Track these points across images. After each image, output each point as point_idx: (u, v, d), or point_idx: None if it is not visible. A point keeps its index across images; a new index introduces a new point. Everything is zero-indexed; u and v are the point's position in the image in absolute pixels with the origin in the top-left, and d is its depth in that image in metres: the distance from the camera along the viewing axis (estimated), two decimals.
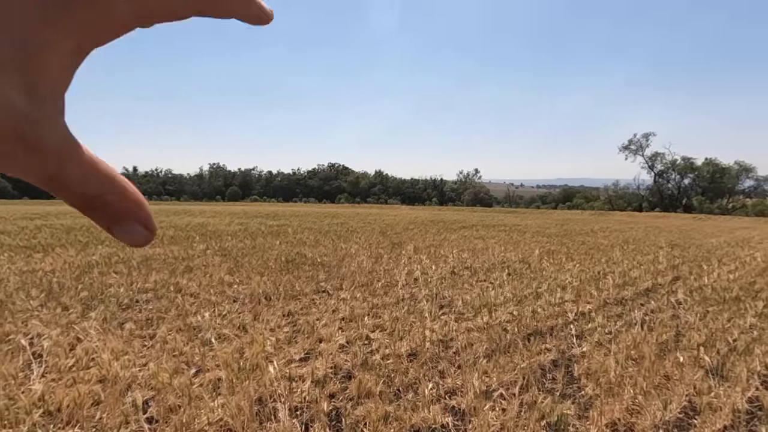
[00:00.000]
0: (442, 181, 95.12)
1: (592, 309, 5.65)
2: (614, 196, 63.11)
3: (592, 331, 4.75)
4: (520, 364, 3.72)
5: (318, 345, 4.18)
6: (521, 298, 6.01)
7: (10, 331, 4.27)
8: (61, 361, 3.58)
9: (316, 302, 5.72)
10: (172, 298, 5.68)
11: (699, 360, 3.86)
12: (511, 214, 39.99)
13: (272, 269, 7.75)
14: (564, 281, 7.25)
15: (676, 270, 8.69)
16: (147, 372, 3.41)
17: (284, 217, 25.17)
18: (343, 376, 3.55)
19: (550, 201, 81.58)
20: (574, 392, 3.35)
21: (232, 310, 5.23)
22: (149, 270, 7.45)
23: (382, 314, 5.19)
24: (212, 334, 4.27)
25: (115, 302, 5.43)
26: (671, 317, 5.33)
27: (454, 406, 3.12)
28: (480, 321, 4.94)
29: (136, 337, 4.25)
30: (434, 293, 6.26)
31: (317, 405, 3.02)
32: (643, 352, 3.99)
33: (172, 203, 59.03)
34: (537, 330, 4.74)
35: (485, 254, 10.30)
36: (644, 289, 6.87)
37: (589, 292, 6.50)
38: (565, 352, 4.15)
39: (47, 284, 6.21)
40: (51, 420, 2.78)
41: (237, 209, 36.99)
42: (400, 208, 50.64)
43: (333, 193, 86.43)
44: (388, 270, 7.94)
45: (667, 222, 30.91)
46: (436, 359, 3.89)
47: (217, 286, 6.36)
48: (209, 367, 3.58)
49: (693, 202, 55.20)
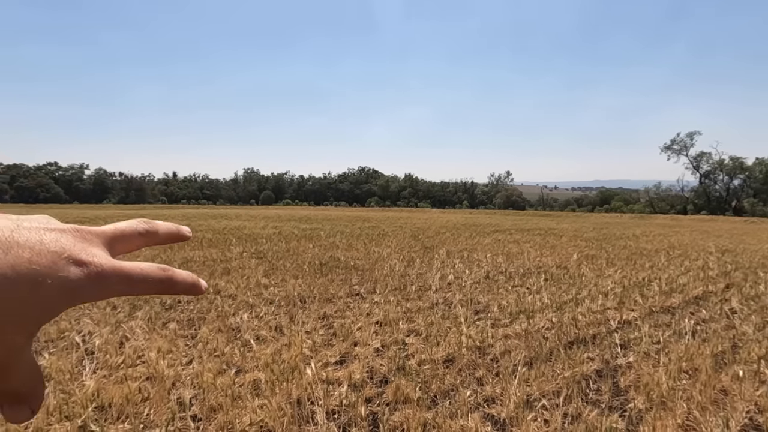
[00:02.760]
0: (473, 184, 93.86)
1: (637, 317, 5.39)
2: (656, 199, 60.23)
3: (638, 340, 4.51)
4: (562, 373, 3.59)
5: (353, 348, 4.19)
6: (560, 305, 5.81)
7: (64, 329, 4.53)
8: (111, 359, 3.75)
9: (350, 305, 5.74)
10: (211, 300, 5.85)
11: (760, 374, 3.59)
12: (545, 218, 38.90)
13: (306, 272, 7.86)
14: (605, 287, 6.95)
15: (728, 277, 8.16)
16: (191, 371, 3.52)
17: (316, 220, 25.55)
18: (379, 380, 3.54)
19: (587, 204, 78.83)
20: (621, 405, 3.19)
21: (269, 311, 5.33)
22: (189, 271, 7.72)
23: (416, 318, 5.14)
24: (251, 336, 4.36)
25: (159, 303, 5.65)
26: (725, 327, 5.00)
27: (494, 415, 3.04)
28: (518, 327, 4.81)
29: (179, 337, 4.41)
30: (469, 298, 6.15)
31: (354, 409, 3.01)
32: (697, 364, 3.76)
33: (210, 207, 61.25)
34: (578, 338, 4.56)
35: (520, 259, 10.04)
36: (694, 297, 6.48)
37: (633, 299, 6.20)
38: (610, 362, 3.96)
39: None
40: (103, 415, 2.91)
41: (270, 213, 37.91)
42: (430, 212, 50.33)
43: (363, 196, 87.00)
44: (420, 274, 7.88)
45: (715, 225, 29.15)
46: (473, 366, 3.81)
47: (254, 288, 6.50)
48: (249, 367, 3.65)
49: (744, 205, 51.82)
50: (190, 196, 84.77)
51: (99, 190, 79.32)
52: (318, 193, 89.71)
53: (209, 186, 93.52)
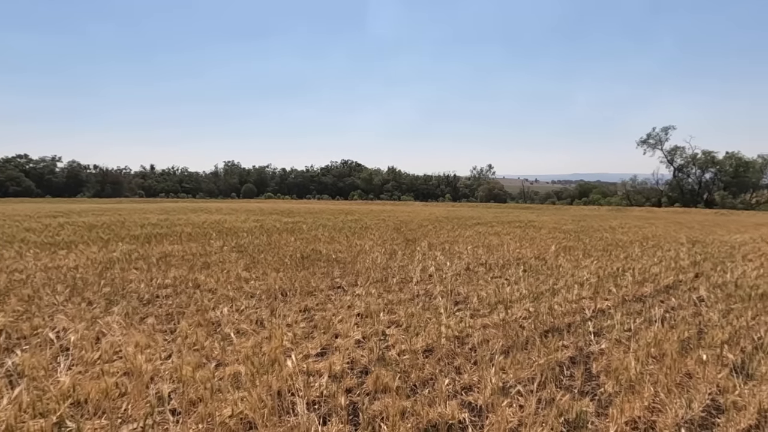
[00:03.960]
0: (455, 177, 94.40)
1: (611, 306, 5.57)
2: (632, 192, 61.78)
3: (611, 328, 4.68)
4: (537, 360, 3.70)
5: (334, 340, 4.22)
6: (537, 295, 5.96)
7: (38, 325, 4.42)
8: (87, 354, 3.69)
9: (332, 298, 5.77)
10: (190, 294, 5.79)
11: (722, 358, 3.78)
12: (526, 210, 39.53)
13: (288, 265, 7.83)
14: (581, 278, 7.15)
15: (698, 266, 8.49)
16: (170, 365, 3.49)
17: (299, 214, 25.38)
18: (360, 371, 3.58)
19: (566, 197, 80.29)
20: (592, 389, 3.32)
21: (250, 305, 5.31)
22: (168, 266, 7.61)
23: (397, 310, 5.20)
24: (231, 329, 4.35)
25: (137, 298, 5.56)
26: (693, 314, 5.22)
27: (471, 401, 3.12)
28: (496, 317, 4.92)
29: (157, 332, 4.35)
30: (449, 289, 6.24)
31: (335, 399, 3.05)
32: (664, 349, 3.92)
33: (189, 201, 60.06)
34: (554, 327, 4.70)
35: (500, 250, 10.22)
36: (665, 286, 6.73)
37: (608, 288, 6.40)
38: (583, 349, 4.10)
39: (71, 280, 6.40)
40: (79, 411, 2.87)
41: (252, 206, 37.44)
42: (413, 205, 50.54)
43: (346, 189, 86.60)
44: (402, 266, 7.95)
45: (687, 217, 30.15)
46: (452, 355, 3.89)
47: (235, 282, 6.46)
48: (229, 361, 3.65)
49: (715, 197, 53.68)
50: (169, 190, 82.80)
51: (73, 183, 76.70)
52: (301, 186, 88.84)
53: (189, 179, 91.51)
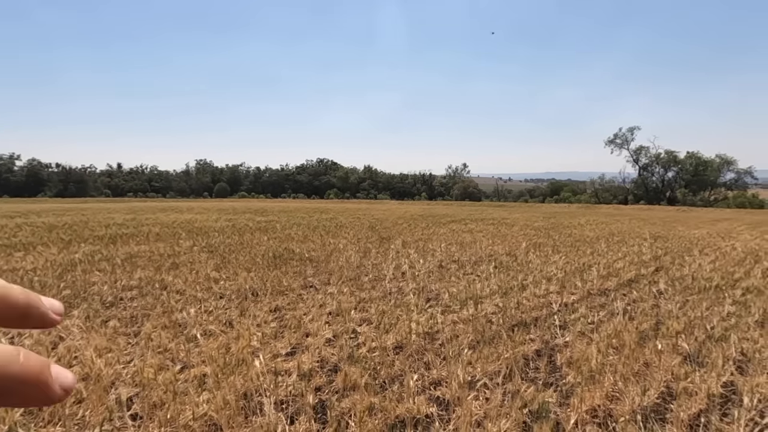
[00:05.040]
0: (431, 176, 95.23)
1: (576, 300, 5.75)
2: (600, 189, 63.94)
3: (575, 321, 4.83)
4: (503, 354, 3.78)
5: (305, 339, 4.19)
6: (507, 290, 6.09)
7: None
8: None
9: (304, 297, 5.72)
10: (157, 295, 5.63)
11: (677, 347, 3.97)
12: (499, 208, 40.29)
13: (260, 265, 7.72)
14: (550, 273, 7.35)
15: (658, 261, 8.87)
16: (131, 369, 3.39)
17: (273, 212, 25.01)
18: (330, 369, 3.57)
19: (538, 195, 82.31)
20: (556, 381, 3.42)
21: (219, 306, 5.20)
22: (134, 267, 7.36)
23: (369, 308, 5.21)
24: (198, 331, 4.25)
25: (99, 300, 5.36)
26: (652, 307, 5.45)
27: (439, 396, 3.16)
28: (466, 313, 4.99)
29: (120, 335, 4.21)
30: (421, 287, 6.30)
31: (303, 398, 3.03)
32: (624, 340, 4.08)
33: (159, 200, 58.22)
34: (522, 321, 4.81)
35: (473, 248, 10.38)
36: (627, 280, 7.00)
37: (574, 283, 6.60)
38: (549, 342, 4.22)
39: (28, 283, 6.10)
40: (32, 419, 2.75)
41: (225, 205, 36.63)
42: (389, 203, 50.63)
43: (322, 188, 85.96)
44: (376, 264, 7.96)
45: (651, 214, 31.44)
46: (421, 351, 3.92)
47: (204, 283, 6.31)
48: (195, 362, 3.56)
49: (677, 195, 56.24)
50: (138, 189, 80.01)
51: (33, 182, 73.06)
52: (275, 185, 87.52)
53: (158, 178, 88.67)
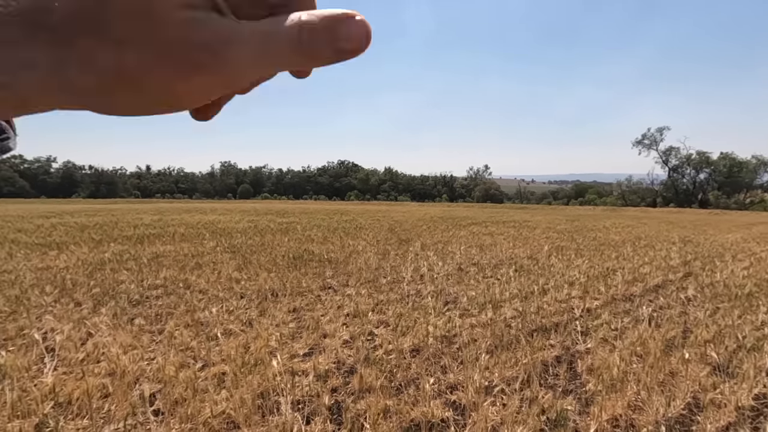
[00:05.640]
0: (452, 178, 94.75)
1: (599, 305, 5.61)
2: (627, 192, 62.20)
3: (598, 327, 4.71)
4: (522, 359, 3.72)
5: (322, 340, 4.22)
6: (527, 295, 5.99)
7: (24, 326, 4.40)
8: (72, 355, 3.68)
9: (322, 298, 5.77)
10: (181, 294, 5.78)
11: (706, 357, 3.81)
12: (521, 211, 39.67)
13: (280, 266, 7.83)
14: (572, 277, 7.19)
15: (688, 266, 8.55)
16: (154, 366, 3.49)
17: (294, 214, 25.34)
18: (346, 371, 3.59)
19: (562, 197, 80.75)
20: (576, 388, 3.34)
21: (240, 306, 5.31)
22: (160, 267, 7.59)
23: (387, 310, 5.22)
24: (219, 330, 4.35)
25: (126, 298, 5.55)
26: (680, 314, 5.26)
27: (455, 400, 3.13)
28: (484, 317, 4.94)
29: (145, 332, 4.35)
30: (440, 289, 6.26)
31: (319, 399, 3.06)
32: (649, 348, 3.95)
33: (184, 201, 59.87)
34: (542, 326, 4.72)
35: (493, 250, 10.25)
36: (654, 286, 6.78)
37: (597, 288, 6.44)
38: (570, 349, 4.13)
39: (61, 281, 6.37)
40: (62, 412, 2.86)
41: (247, 207, 37.35)
42: (409, 205, 50.58)
43: (343, 190, 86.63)
44: (394, 267, 7.96)
45: (681, 217, 30.35)
46: (438, 355, 3.90)
47: (225, 283, 6.45)
48: (215, 361, 3.65)
49: (709, 197, 54.12)
50: (165, 190, 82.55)
51: (67, 183, 76.36)
52: (297, 187, 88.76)
53: (184, 179, 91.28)
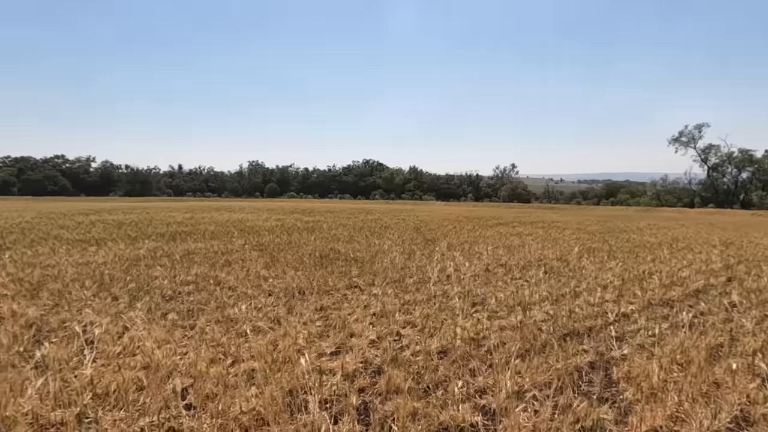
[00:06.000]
0: (477, 177, 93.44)
1: (635, 310, 5.38)
2: (663, 191, 59.67)
3: (634, 333, 4.52)
4: (554, 365, 3.60)
5: (349, 340, 4.22)
6: (558, 297, 5.81)
7: (66, 319, 4.60)
8: (109, 348, 3.82)
9: (348, 297, 5.78)
10: (211, 291, 5.92)
11: (754, 367, 3.59)
12: (549, 210, 38.73)
13: (306, 264, 7.91)
14: (605, 280, 6.94)
15: (730, 270, 8.11)
16: (187, 360, 3.57)
17: (319, 213, 25.61)
18: (373, 371, 3.57)
19: (592, 196, 78.30)
20: (612, 396, 3.20)
21: (268, 303, 5.38)
22: (191, 263, 7.80)
23: (413, 311, 5.17)
24: (248, 326, 4.41)
25: (160, 294, 5.72)
26: (724, 321, 4.98)
27: (485, 405, 3.06)
28: (514, 320, 4.82)
29: (177, 327, 4.47)
30: (467, 290, 6.16)
31: (347, 399, 3.05)
32: (691, 356, 3.75)
33: (214, 199, 61.53)
34: (574, 330, 4.57)
35: (521, 251, 10.03)
36: (694, 290, 6.45)
37: (633, 292, 6.19)
38: (604, 354, 3.97)
39: (99, 276, 6.64)
40: (100, 402, 2.96)
41: (274, 205, 38.03)
42: (434, 204, 50.27)
43: (368, 189, 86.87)
44: (420, 266, 7.90)
45: (721, 218, 28.88)
46: (466, 357, 3.83)
47: (254, 280, 6.56)
48: (244, 357, 3.70)
49: (752, 198, 51.18)
50: (196, 189, 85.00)
51: (105, 182, 79.79)
52: (323, 186, 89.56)
53: (214, 178, 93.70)
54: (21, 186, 70.15)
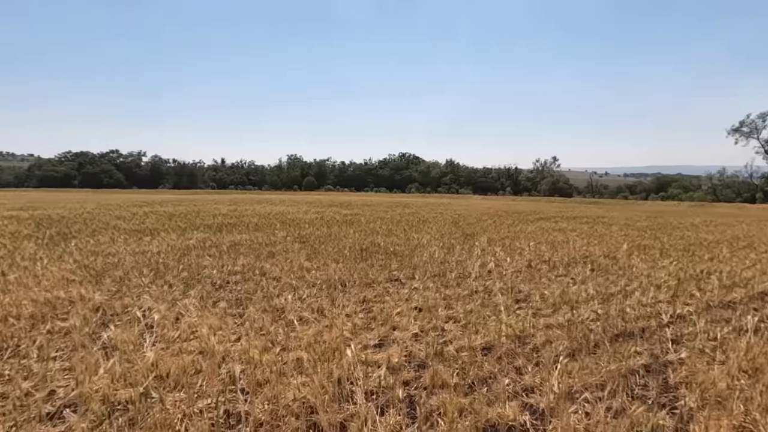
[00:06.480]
0: (516, 170, 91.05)
1: (693, 312, 5.08)
2: (719, 186, 55.74)
3: (693, 336, 4.27)
4: (607, 366, 3.47)
5: (392, 333, 4.26)
6: (607, 296, 5.58)
7: (127, 304, 4.93)
8: (168, 333, 4.05)
9: (389, 291, 5.82)
10: (257, 281, 6.13)
11: None
12: (594, 205, 37.14)
13: (347, 257, 8.02)
14: (658, 280, 6.59)
15: None
16: (239, 347, 3.73)
17: (357, 206, 25.86)
18: (417, 364, 3.59)
19: (640, 191, 74.40)
20: (670, 402, 3.05)
21: (311, 294, 5.51)
22: (237, 254, 8.11)
23: (455, 306, 5.13)
24: (294, 316, 4.54)
25: (210, 282, 5.99)
26: None
27: (532, 404, 3.00)
28: (561, 318, 4.68)
29: (228, 315, 4.67)
30: (509, 286, 6.04)
31: (392, 391, 3.08)
32: (759, 363, 3.50)
33: (255, 192, 63.50)
34: (625, 331, 4.38)
35: (565, 247, 9.70)
36: (759, 292, 6.00)
37: (689, 292, 5.84)
38: (659, 358, 3.78)
39: (155, 264, 7.04)
40: (161, 383, 3.16)
41: (312, 198, 38.78)
42: (472, 198, 49.47)
43: (403, 183, 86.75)
44: (460, 261, 7.82)
45: None
46: (512, 355, 3.76)
47: (297, 272, 6.73)
48: (292, 346, 3.82)
49: None
50: (237, 182, 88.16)
51: (155, 175, 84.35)
52: (358, 179, 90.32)
53: (254, 172, 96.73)
54: (81, 179, 75.38)
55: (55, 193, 46.54)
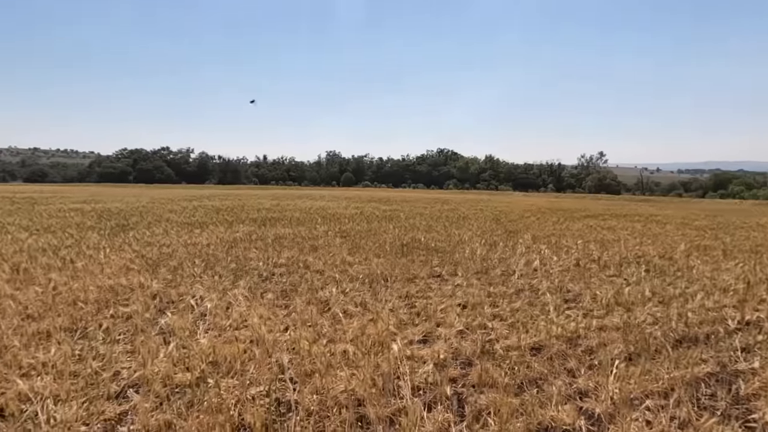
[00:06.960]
0: (559, 166, 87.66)
1: (764, 318, 4.67)
2: None
3: (765, 344, 3.93)
4: (669, 373, 3.26)
5: (436, 329, 4.21)
6: (665, 299, 5.25)
7: (182, 293, 5.17)
8: (220, 321, 4.21)
9: (432, 287, 5.76)
10: (302, 274, 6.26)
11: None
12: (644, 203, 35.15)
13: (388, 252, 8.03)
14: (723, 283, 6.12)
15: None
16: (287, 337, 3.82)
17: (395, 202, 25.87)
18: (463, 362, 3.52)
19: (696, 188, 69.58)
20: (742, 414, 2.82)
21: (354, 288, 5.55)
22: (281, 247, 8.32)
23: (500, 303, 5.01)
24: (339, 309, 4.59)
25: (257, 274, 6.18)
26: None
27: (587, 408, 2.87)
28: (615, 320, 4.45)
29: (275, 306, 4.80)
30: (557, 286, 5.82)
31: (439, 387, 3.04)
32: None
33: (296, 188, 65.08)
34: (688, 336, 4.10)
35: (616, 247, 9.23)
36: None
37: (759, 297, 5.39)
38: (727, 366, 3.51)
39: (205, 255, 7.35)
40: (215, 369, 3.28)
41: (351, 194, 39.20)
42: (513, 195, 48.23)
43: (441, 179, 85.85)
44: (503, 258, 7.62)
45: None
46: (563, 356, 3.62)
47: (340, 266, 6.81)
48: (338, 339, 3.86)
49: None
50: (278, 178, 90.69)
51: (202, 171, 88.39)
52: (396, 175, 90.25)
53: (295, 168, 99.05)
54: (136, 174, 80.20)
55: (113, 188, 49.80)
